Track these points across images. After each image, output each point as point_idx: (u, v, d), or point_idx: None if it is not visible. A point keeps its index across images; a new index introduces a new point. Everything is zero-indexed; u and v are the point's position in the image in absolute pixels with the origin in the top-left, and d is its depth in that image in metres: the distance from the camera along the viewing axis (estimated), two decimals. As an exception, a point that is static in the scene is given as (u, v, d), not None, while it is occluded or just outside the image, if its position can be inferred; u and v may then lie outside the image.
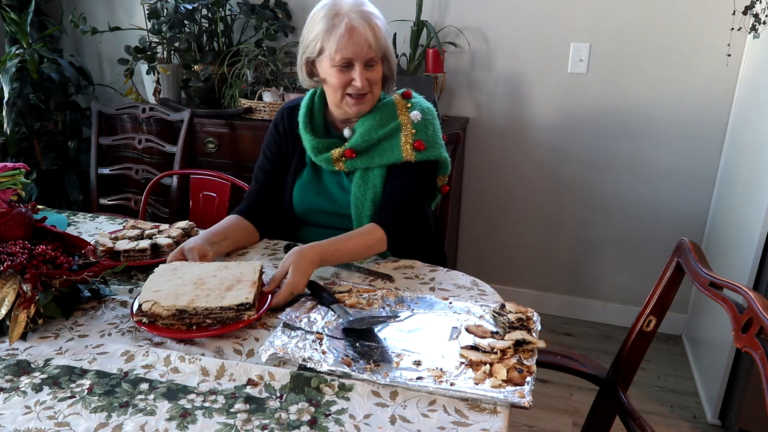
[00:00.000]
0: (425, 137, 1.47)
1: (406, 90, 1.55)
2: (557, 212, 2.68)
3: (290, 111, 1.58)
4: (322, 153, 1.49)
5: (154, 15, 2.55)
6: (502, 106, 2.60)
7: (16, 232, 1.26)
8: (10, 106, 2.53)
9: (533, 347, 1.03)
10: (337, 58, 1.37)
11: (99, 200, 2.57)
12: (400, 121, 1.47)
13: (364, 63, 1.38)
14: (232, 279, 1.17)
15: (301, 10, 2.68)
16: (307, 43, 1.43)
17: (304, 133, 1.51)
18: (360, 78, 1.38)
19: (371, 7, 1.41)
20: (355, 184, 1.48)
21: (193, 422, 0.87)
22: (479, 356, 1.00)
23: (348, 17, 1.36)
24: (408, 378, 0.96)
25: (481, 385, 0.94)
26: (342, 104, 1.45)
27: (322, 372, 0.98)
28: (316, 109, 1.52)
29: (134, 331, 1.11)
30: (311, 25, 1.41)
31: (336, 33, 1.36)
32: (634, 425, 1.09)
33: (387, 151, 1.47)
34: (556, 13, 2.43)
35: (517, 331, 1.06)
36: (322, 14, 1.38)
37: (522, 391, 0.92)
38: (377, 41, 1.38)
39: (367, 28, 1.36)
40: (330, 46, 1.37)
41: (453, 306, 1.20)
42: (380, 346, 1.06)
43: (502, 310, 1.14)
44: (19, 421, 0.87)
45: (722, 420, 2.04)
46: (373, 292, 1.24)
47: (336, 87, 1.41)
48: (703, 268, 1.02)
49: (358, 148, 1.46)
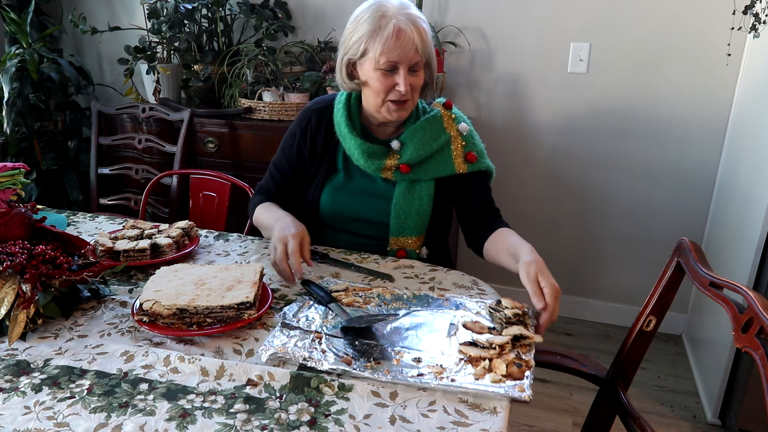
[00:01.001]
0: (475, 149, 1.50)
1: (447, 100, 1.54)
2: (557, 212, 2.68)
3: (320, 113, 1.52)
4: (372, 158, 1.45)
5: (154, 15, 2.55)
6: (502, 106, 2.60)
7: (16, 232, 1.26)
8: (10, 106, 2.53)
9: (530, 342, 1.05)
10: (382, 61, 1.33)
11: (99, 200, 2.57)
12: (450, 134, 1.47)
13: (408, 67, 1.35)
14: (232, 280, 1.17)
15: (301, 10, 2.68)
16: (350, 44, 1.38)
17: (351, 136, 1.45)
18: (404, 83, 1.35)
19: (417, 10, 1.38)
20: (399, 193, 1.45)
21: (193, 422, 0.87)
22: (478, 352, 1.01)
23: (395, 19, 1.32)
24: (409, 375, 0.97)
25: (481, 381, 0.95)
26: (382, 109, 1.41)
27: (323, 371, 0.98)
28: (353, 112, 1.48)
29: (134, 331, 1.11)
30: (355, 26, 1.38)
31: (382, 35, 1.32)
32: (634, 425, 1.09)
33: (439, 165, 1.46)
34: (556, 13, 2.43)
35: (514, 326, 1.08)
36: (368, 15, 1.35)
37: (522, 386, 0.94)
38: (424, 45, 1.35)
39: (414, 32, 1.33)
40: (375, 48, 1.33)
41: (449, 301, 1.21)
42: (379, 344, 1.07)
43: (497, 305, 1.15)
44: (19, 422, 0.86)
45: (722, 420, 2.04)
46: (369, 290, 1.25)
47: (378, 91, 1.38)
48: (703, 268, 1.02)
49: (412, 163, 1.44)
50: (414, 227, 1.45)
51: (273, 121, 2.39)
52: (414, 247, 1.47)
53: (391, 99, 1.39)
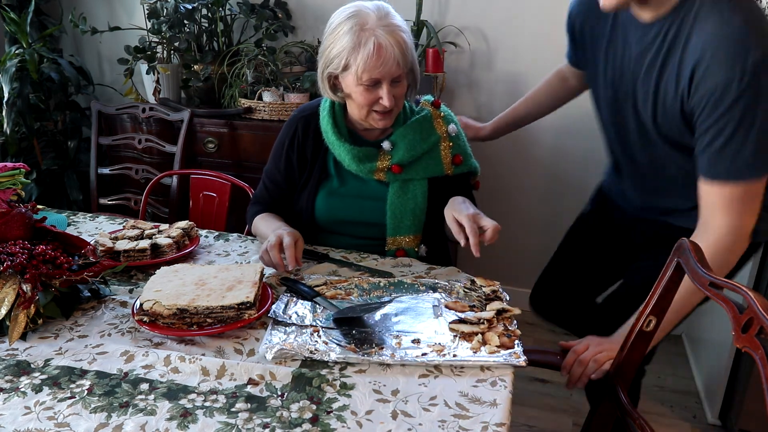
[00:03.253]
0: (461, 150, 1.51)
1: (435, 99, 1.54)
2: (557, 212, 2.68)
3: (305, 120, 1.51)
4: (363, 162, 1.44)
5: (154, 15, 2.55)
6: (502, 106, 2.58)
7: (16, 232, 1.26)
8: (10, 106, 2.53)
9: (511, 314, 1.16)
10: (364, 78, 1.32)
11: (99, 200, 2.57)
12: (440, 135, 1.48)
13: (390, 81, 1.34)
14: (233, 280, 1.17)
15: (301, 10, 2.68)
16: (331, 58, 1.36)
17: (339, 143, 1.44)
18: (387, 97, 1.34)
19: (395, 16, 1.36)
20: (393, 193, 1.45)
21: (194, 422, 0.87)
22: (470, 328, 1.10)
23: (374, 34, 1.30)
24: (414, 355, 1.02)
25: (479, 353, 1.04)
26: (368, 119, 1.41)
27: (331, 361, 1.01)
28: (339, 118, 1.48)
29: (134, 331, 1.11)
30: (333, 38, 1.35)
31: (363, 52, 1.30)
32: (634, 425, 1.09)
33: (430, 165, 1.47)
34: (556, 13, 2.42)
35: (495, 302, 1.19)
36: (347, 28, 1.32)
37: (516, 353, 1.04)
38: (405, 58, 1.34)
39: (395, 45, 1.31)
40: (356, 65, 1.32)
41: (425, 285, 1.27)
42: (375, 331, 1.11)
43: (473, 285, 1.27)
44: (19, 422, 0.87)
45: (722, 420, 2.04)
46: (347, 282, 1.28)
47: (362, 105, 1.38)
48: (703, 268, 1.02)
49: (403, 163, 1.44)
50: (410, 226, 1.45)
51: (273, 121, 2.39)
52: (412, 246, 1.47)
53: (375, 110, 1.39)
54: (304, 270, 1.35)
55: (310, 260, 1.40)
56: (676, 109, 1.15)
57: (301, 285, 1.24)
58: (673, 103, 1.15)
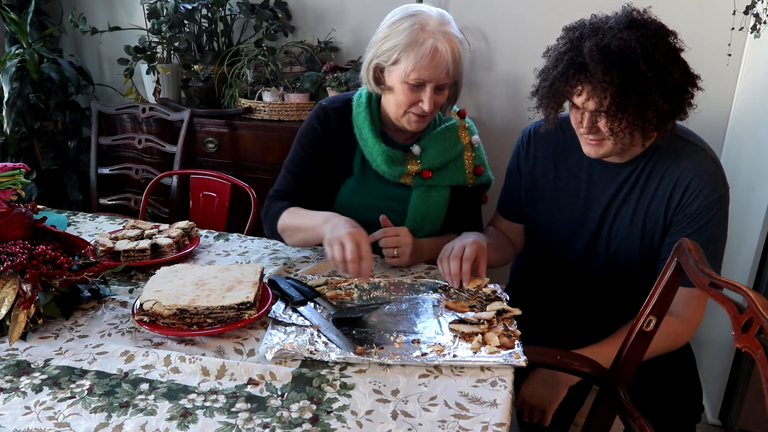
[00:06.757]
0: (482, 161, 1.53)
1: (461, 109, 1.55)
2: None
3: (339, 113, 1.48)
4: (395, 164, 1.43)
5: (154, 15, 2.55)
6: (502, 106, 2.60)
7: (16, 232, 1.25)
8: (10, 106, 2.53)
9: (510, 315, 1.16)
10: (412, 77, 1.32)
11: (99, 200, 2.57)
12: (464, 144, 1.49)
13: (435, 86, 1.34)
14: (233, 280, 1.17)
15: (301, 10, 2.68)
16: (382, 50, 1.35)
17: (375, 141, 1.42)
18: (428, 101, 1.34)
19: (455, 27, 1.36)
20: (417, 197, 1.45)
21: (194, 422, 0.87)
22: (470, 328, 1.10)
23: (434, 37, 1.30)
24: (415, 355, 1.02)
25: (479, 353, 1.04)
26: (402, 119, 1.41)
27: (331, 361, 1.01)
28: (375, 115, 1.46)
29: (134, 331, 1.11)
30: (390, 31, 1.34)
31: (418, 51, 1.30)
32: (634, 425, 1.09)
33: (455, 173, 1.48)
34: (556, 13, 2.42)
35: (495, 302, 1.20)
36: (407, 24, 1.32)
37: (516, 353, 1.04)
38: (455, 67, 1.34)
39: (449, 53, 1.31)
40: (407, 62, 1.31)
41: (424, 285, 1.28)
42: (375, 331, 1.10)
43: (460, 288, 1.27)
44: (19, 422, 0.87)
45: (722, 420, 2.04)
46: (347, 282, 1.28)
47: (401, 103, 1.37)
48: (702, 268, 1.02)
49: (433, 168, 1.45)
50: (428, 231, 1.47)
51: (273, 121, 2.39)
52: None
53: (413, 111, 1.38)
54: (303, 270, 1.35)
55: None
56: (659, 225, 1.32)
57: (301, 285, 1.24)
58: (655, 219, 1.32)
